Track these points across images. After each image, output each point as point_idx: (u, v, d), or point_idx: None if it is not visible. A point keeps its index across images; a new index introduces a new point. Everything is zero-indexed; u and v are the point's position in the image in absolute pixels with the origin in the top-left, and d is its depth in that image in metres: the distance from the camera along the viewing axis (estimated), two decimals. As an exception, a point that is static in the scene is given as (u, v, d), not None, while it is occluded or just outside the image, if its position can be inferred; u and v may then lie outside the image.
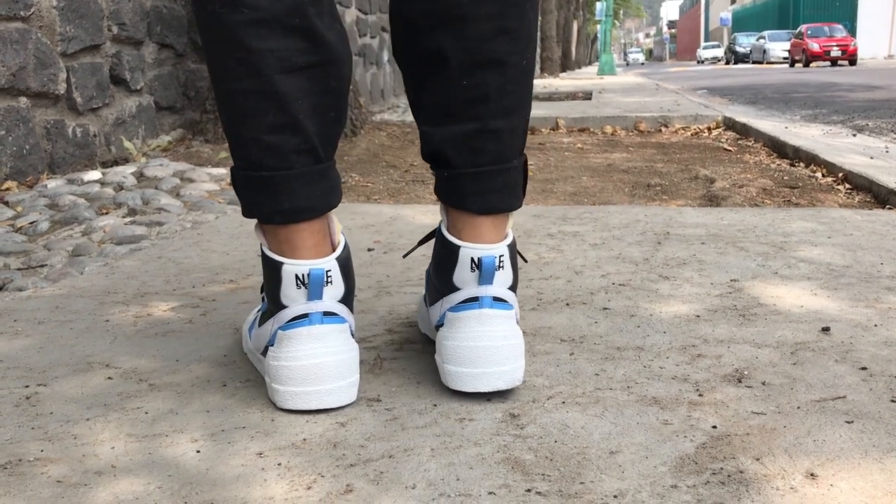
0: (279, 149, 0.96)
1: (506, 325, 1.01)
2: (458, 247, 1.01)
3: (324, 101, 0.99)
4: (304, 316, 0.98)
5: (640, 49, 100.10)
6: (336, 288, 1.00)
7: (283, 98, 0.95)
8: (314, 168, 0.99)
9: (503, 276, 1.02)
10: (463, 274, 1.01)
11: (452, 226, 1.04)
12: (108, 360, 1.18)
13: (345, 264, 1.02)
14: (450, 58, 1.00)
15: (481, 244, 1.01)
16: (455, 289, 1.02)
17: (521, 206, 1.07)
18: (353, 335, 1.03)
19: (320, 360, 0.97)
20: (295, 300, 0.98)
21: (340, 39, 1.00)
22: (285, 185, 0.97)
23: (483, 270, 1.00)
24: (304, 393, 0.97)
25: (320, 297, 0.98)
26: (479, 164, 1.02)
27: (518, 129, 1.04)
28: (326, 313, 0.99)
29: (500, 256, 1.01)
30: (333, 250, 1.02)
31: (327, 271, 0.98)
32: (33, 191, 2.82)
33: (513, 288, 1.04)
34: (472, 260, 1.01)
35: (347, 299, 1.02)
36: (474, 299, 1.01)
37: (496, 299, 1.01)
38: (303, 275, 0.97)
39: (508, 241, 1.04)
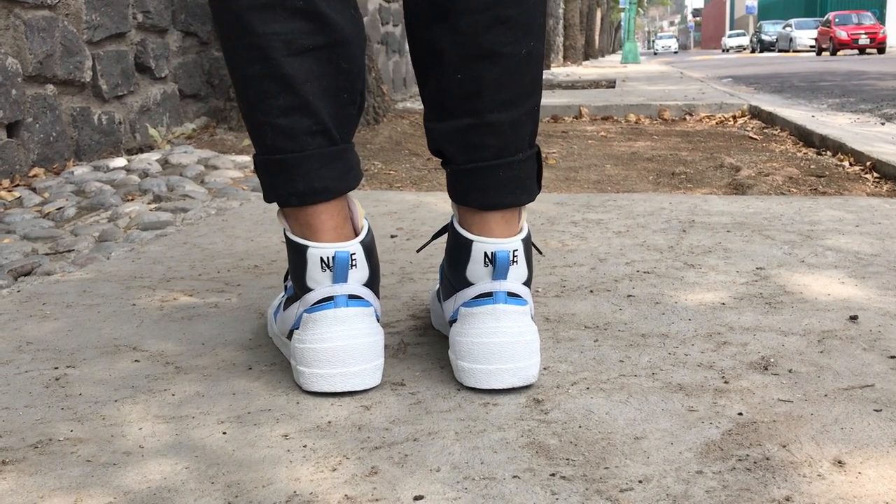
0: (291, 131, 0.97)
1: (520, 321, 0.99)
2: (471, 241, 1.00)
3: (335, 83, 0.99)
4: (330, 299, 0.98)
5: (671, 34, 76.92)
6: (361, 271, 1.00)
7: (292, 80, 0.96)
8: (328, 149, 0.99)
9: (517, 271, 1.00)
10: (476, 269, 1.00)
11: (463, 220, 1.03)
12: (135, 343, 1.19)
13: (369, 248, 1.02)
14: (445, 51, 0.98)
15: (494, 238, 0.99)
16: (468, 283, 1.01)
17: (532, 200, 1.03)
18: (378, 319, 1.03)
19: (345, 343, 0.98)
20: (320, 283, 0.99)
21: (350, 21, 0.99)
22: (299, 167, 0.98)
23: (497, 265, 0.98)
24: (329, 375, 0.98)
25: (345, 280, 0.98)
26: (477, 160, 1.00)
27: (521, 121, 1.00)
28: (352, 296, 0.99)
29: (514, 251, 0.99)
30: (356, 234, 1.02)
31: (352, 254, 0.99)
32: (60, 177, 2.85)
33: (527, 283, 1.02)
34: (486, 254, 0.99)
35: (372, 283, 1.02)
36: (488, 294, 0.99)
37: (510, 294, 0.99)
38: (328, 258, 0.98)
39: (523, 234, 1.01)
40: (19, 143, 2.88)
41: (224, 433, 0.90)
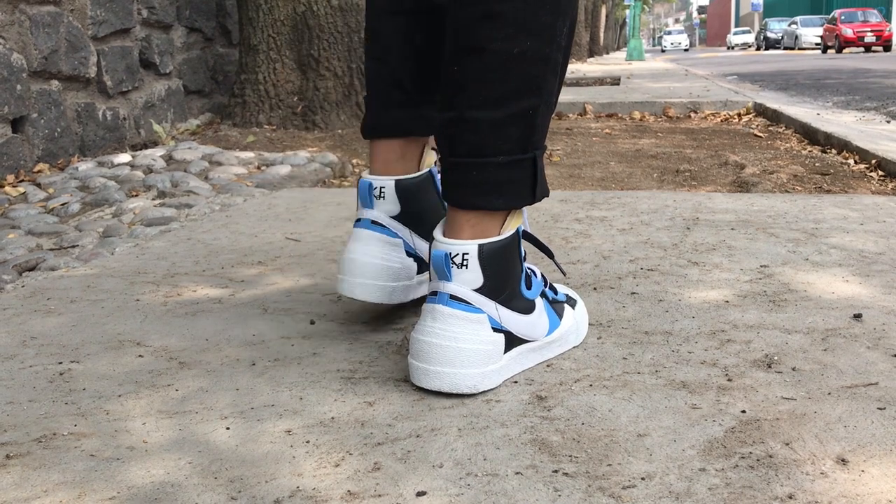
0: (370, 75, 1.21)
1: (460, 327, 0.96)
2: (433, 238, 0.99)
3: (418, 44, 1.16)
4: (359, 220, 1.17)
5: (681, 30, 70.71)
6: (389, 204, 1.14)
7: (378, 34, 1.19)
8: (394, 96, 1.17)
9: (465, 276, 0.96)
10: (433, 265, 0.99)
11: (446, 215, 1.03)
12: (139, 338, 1.19)
13: (407, 189, 1.14)
14: (444, 44, 0.99)
15: (448, 238, 0.98)
16: (432, 278, 1.01)
17: (512, 207, 0.99)
18: (410, 253, 1.15)
19: (355, 257, 1.14)
20: (358, 207, 1.18)
21: None
22: (371, 105, 1.20)
23: (433, 265, 0.97)
24: (344, 280, 1.15)
25: (370, 207, 1.15)
26: (455, 155, 0.99)
27: (505, 122, 0.96)
28: (374, 222, 1.14)
29: (461, 254, 0.95)
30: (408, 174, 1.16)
31: (379, 186, 1.14)
32: (64, 173, 2.86)
33: (489, 292, 0.97)
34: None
35: (408, 220, 1.16)
36: (434, 293, 0.98)
37: (454, 298, 0.96)
38: (362, 186, 1.16)
39: (485, 240, 0.96)
40: (24, 138, 2.89)
41: (227, 428, 0.90)
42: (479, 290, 0.97)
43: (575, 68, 13.52)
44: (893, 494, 0.74)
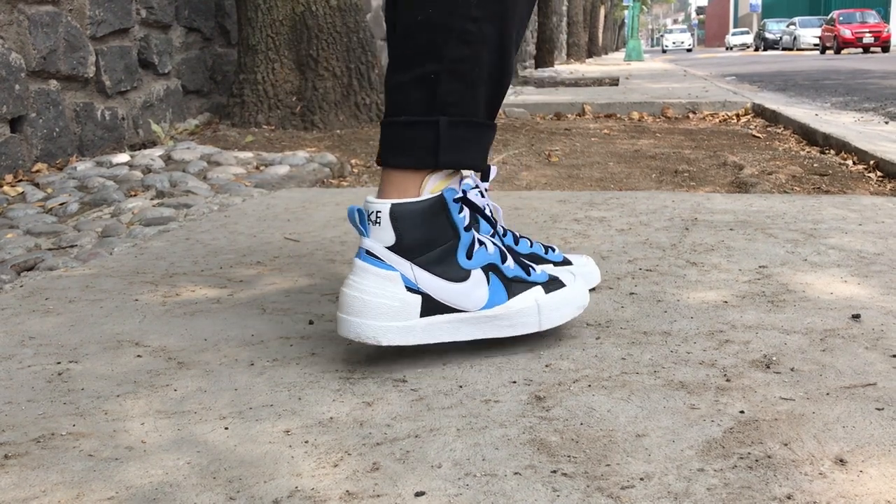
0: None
1: (368, 281, 1.03)
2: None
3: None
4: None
5: (683, 28, 67.81)
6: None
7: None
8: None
9: (379, 233, 1.03)
10: (349, 221, 1.08)
11: None
12: (138, 338, 1.19)
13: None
14: None
15: (371, 197, 1.05)
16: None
17: (411, 167, 1.05)
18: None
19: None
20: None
21: None
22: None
23: (350, 221, 1.05)
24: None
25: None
26: (383, 116, 1.10)
27: (408, 84, 1.04)
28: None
29: (375, 212, 1.02)
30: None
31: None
32: (63, 173, 2.86)
33: (403, 252, 1.03)
34: None
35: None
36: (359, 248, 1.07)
37: (368, 253, 1.03)
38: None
39: (399, 200, 1.03)
40: (22, 138, 2.89)
41: (226, 429, 0.90)
42: (391, 248, 1.03)
43: (574, 69, 13.52)
44: (892, 495, 0.74)
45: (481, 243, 1.09)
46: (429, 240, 1.04)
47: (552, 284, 1.13)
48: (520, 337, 1.11)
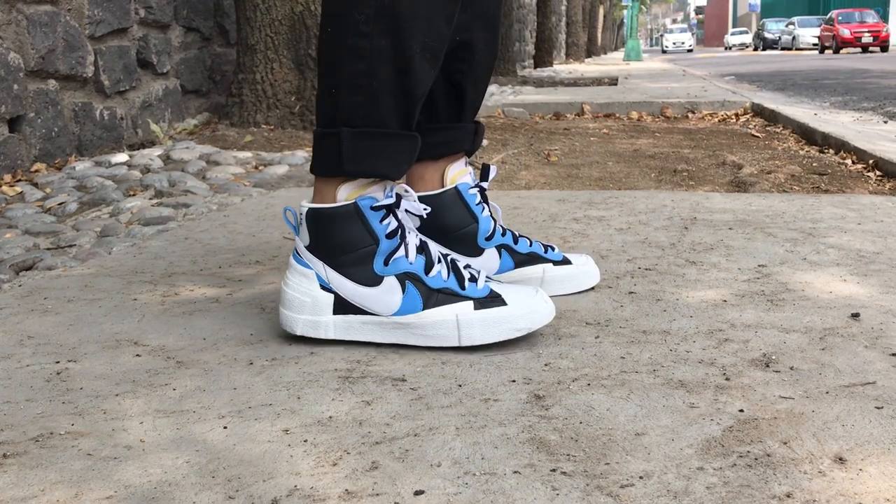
0: None
1: (292, 276, 1.13)
2: None
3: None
4: None
5: (684, 27, 64.43)
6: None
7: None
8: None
9: (302, 234, 1.12)
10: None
11: None
12: (137, 337, 1.19)
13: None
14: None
15: (304, 200, 1.15)
16: None
17: (321, 174, 1.11)
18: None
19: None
20: None
21: None
22: None
23: (285, 219, 1.15)
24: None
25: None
26: None
27: (321, 98, 1.11)
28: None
29: (299, 214, 1.12)
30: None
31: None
32: (62, 173, 2.85)
33: (318, 253, 1.11)
34: None
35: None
36: None
37: (296, 250, 1.13)
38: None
39: (314, 205, 1.10)
40: (21, 138, 2.88)
41: (225, 428, 0.90)
42: (308, 248, 1.12)
43: (573, 68, 13.52)
44: (891, 493, 0.74)
45: (406, 252, 1.11)
46: (342, 244, 1.10)
47: (489, 302, 1.10)
48: (519, 336, 1.11)
